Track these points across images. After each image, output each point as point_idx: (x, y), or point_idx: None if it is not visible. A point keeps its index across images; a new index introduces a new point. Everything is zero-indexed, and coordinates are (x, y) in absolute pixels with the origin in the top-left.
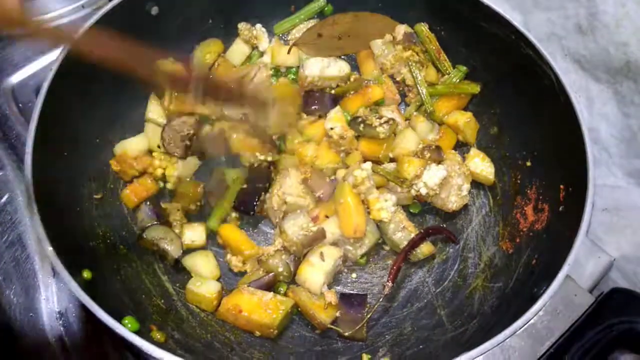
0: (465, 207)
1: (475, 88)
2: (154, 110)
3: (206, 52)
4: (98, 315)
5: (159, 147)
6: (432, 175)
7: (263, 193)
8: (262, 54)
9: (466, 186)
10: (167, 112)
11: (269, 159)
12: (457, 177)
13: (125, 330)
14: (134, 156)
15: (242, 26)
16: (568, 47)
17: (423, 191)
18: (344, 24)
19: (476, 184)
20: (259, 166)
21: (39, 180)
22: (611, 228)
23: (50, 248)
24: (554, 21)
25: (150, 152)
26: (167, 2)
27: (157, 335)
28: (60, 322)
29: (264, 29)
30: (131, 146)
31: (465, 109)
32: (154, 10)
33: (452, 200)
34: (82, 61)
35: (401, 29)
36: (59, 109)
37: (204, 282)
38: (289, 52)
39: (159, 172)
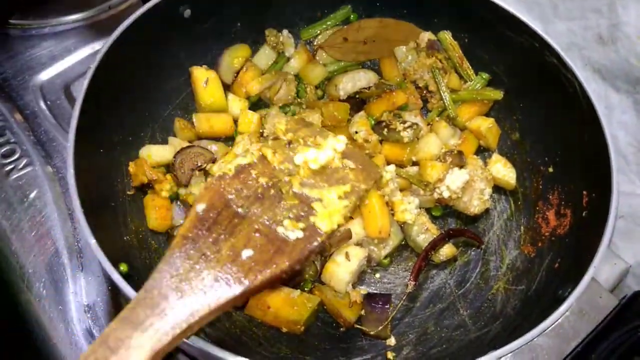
0: (486, 211)
1: (498, 94)
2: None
3: (234, 56)
4: None
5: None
6: (455, 179)
7: None
8: (288, 59)
9: (488, 190)
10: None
11: None
12: (479, 181)
13: None
14: (154, 163)
15: (269, 32)
16: (588, 57)
17: (445, 194)
18: (369, 29)
19: (498, 189)
20: None
21: (78, 176)
22: (627, 235)
23: (94, 241)
24: (575, 31)
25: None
26: (199, 6)
27: None
28: (89, 315)
29: (290, 35)
30: (157, 152)
31: (487, 115)
32: (187, 13)
33: (475, 204)
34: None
35: (425, 36)
36: (97, 106)
37: None
38: (314, 55)
39: (164, 193)
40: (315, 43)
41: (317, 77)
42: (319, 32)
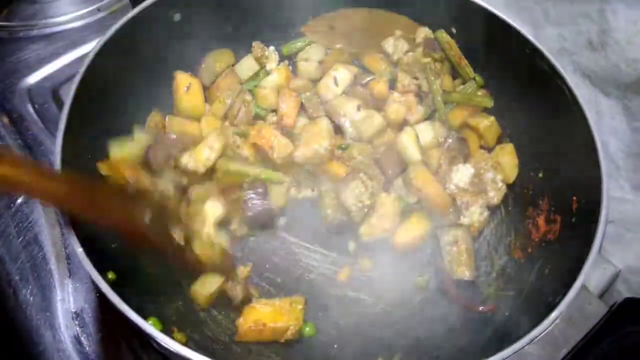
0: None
1: (488, 102)
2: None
3: (217, 60)
4: (127, 315)
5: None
6: (462, 175)
7: None
8: (268, 73)
9: (499, 177)
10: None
11: None
12: (486, 172)
13: (155, 330)
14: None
15: (256, 44)
16: (578, 62)
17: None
18: (357, 19)
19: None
20: None
21: None
22: (617, 240)
23: (80, 249)
24: (565, 36)
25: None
26: (189, 11)
27: (178, 337)
28: (77, 322)
29: (276, 52)
30: (128, 147)
31: None
32: (176, 17)
33: (492, 195)
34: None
35: (422, 32)
36: (85, 110)
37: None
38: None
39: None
40: (296, 60)
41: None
42: (301, 48)
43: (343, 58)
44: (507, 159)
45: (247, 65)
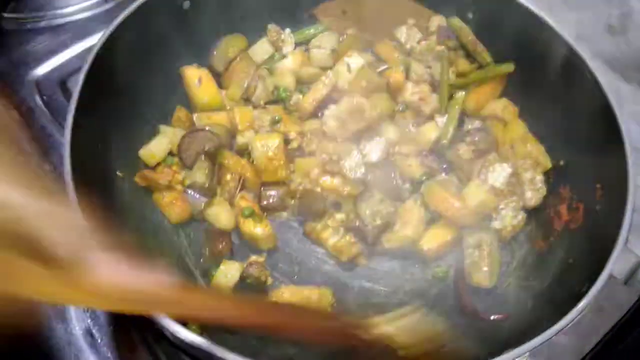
0: None
1: (509, 67)
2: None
3: (230, 45)
4: None
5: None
6: (497, 175)
7: None
8: (283, 57)
9: (539, 177)
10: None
11: None
12: (525, 171)
13: (170, 321)
14: (156, 161)
15: (272, 27)
16: (598, 48)
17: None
18: (370, 4)
19: None
20: None
21: (75, 173)
22: (638, 229)
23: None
24: (584, 21)
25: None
26: None
27: (193, 328)
28: (88, 314)
29: (292, 35)
30: (156, 149)
31: None
32: (186, 5)
33: (529, 197)
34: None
35: (436, 20)
36: (94, 101)
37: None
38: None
39: (179, 187)
40: (309, 46)
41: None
42: (313, 35)
43: (356, 46)
44: (536, 148)
45: (261, 49)
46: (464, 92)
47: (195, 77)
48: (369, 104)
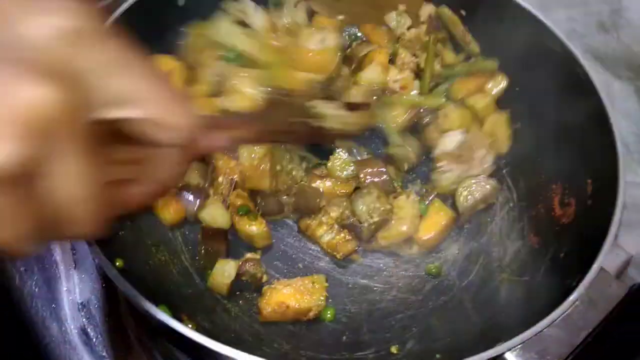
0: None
1: (492, 64)
2: None
3: (196, 33)
4: (137, 302)
5: None
6: (450, 141)
7: None
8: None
9: (490, 157)
10: None
11: None
12: (479, 149)
13: (167, 316)
14: None
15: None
16: (589, 45)
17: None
18: None
19: (500, 179)
20: None
21: None
22: (629, 225)
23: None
24: (576, 18)
25: None
26: None
27: (189, 325)
28: (83, 313)
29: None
30: None
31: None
32: (181, 1)
33: (475, 171)
34: None
35: (426, 9)
36: None
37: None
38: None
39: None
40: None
41: None
42: None
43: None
44: (502, 130)
45: (225, 27)
46: (447, 85)
47: (167, 67)
48: None
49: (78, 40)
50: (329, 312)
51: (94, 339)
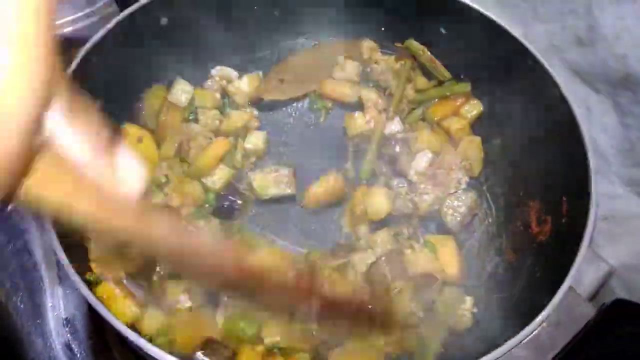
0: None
1: (465, 87)
2: None
3: (152, 97)
4: (109, 320)
5: None
6: (420, 161)
7: None
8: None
9: (465, 179)
10: None
11: None
12: (455, 171)
13: (136, 336)
14: None
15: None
16: (568, 59)
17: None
18: (302, 60)
19: (479, 194)
20: None
21: None
22: (610, 236)
23: (64, 256)
24: (554, 33)
25: None
26: (175, 14)
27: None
28: (67, 329)
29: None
30: None
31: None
32: (163, 21)
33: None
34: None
35: (365, 44)
36: None
37: None
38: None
39: None
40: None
41: None
42: None
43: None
44: (475, 153)
45: (180, 90)
46: (421, 109)
47: (135, 135)
48: None
49: None
50: None
51: (78, 354)
